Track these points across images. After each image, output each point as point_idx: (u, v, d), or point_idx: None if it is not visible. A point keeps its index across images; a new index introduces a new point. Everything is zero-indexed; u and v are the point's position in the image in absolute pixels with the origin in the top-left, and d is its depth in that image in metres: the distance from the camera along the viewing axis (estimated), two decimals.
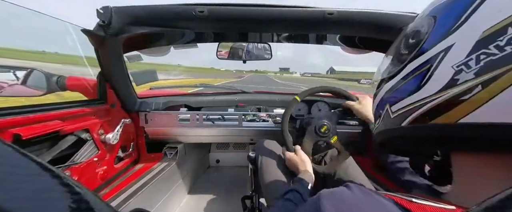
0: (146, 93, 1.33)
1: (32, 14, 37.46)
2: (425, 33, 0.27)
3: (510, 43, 0.19)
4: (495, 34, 0.20)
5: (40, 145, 0.71)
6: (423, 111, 0.25)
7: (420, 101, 0.25)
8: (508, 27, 0.19)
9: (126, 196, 0.87)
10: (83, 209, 0.13)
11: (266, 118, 1.23)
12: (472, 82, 0.21)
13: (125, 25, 0.77)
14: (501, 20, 0.20)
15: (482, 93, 0.20)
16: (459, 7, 0.24)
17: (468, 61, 0.21)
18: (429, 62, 0.25)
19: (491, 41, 0.20)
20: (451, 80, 0.22)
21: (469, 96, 0.21)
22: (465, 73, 0.21)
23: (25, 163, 0.13)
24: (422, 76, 0.25)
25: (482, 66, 0.20)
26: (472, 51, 0.21)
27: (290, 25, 0.84)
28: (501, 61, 0.19)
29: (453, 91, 0.22)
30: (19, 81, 0.87)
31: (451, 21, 0.24)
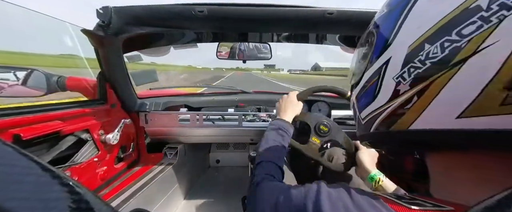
0: (146, 93, 1.33)
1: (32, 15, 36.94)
2: (372, 44, 0.29)
3: (428, 58, 0.21)
4: (417, 49, 0.22)
5: (40, 146, 0.71)
6: (381, 119, 0.27)
7: (377, 110, 0.28)
8: (424, 43, 0.22)
9: (126, 196, 0.87)
10: (83, 209, 0.13)
11: (266, 118, 1.23)
12: (409, 93, 0.23)
13: (125, 25, 0.77)
14: (420, 36, 0.22)
15: (419, 102, 0.22)
16: (391, 21, 0.26)
17: (403, 73, 0.24)
18: (377, 73, 0.27)
19: (415, 55, 0.22)
20: (394, 91, 0.25)
21: (410, 105, 0.23)
22: (403, 84, 0.24)
23: (25, 163, 0.13)
24: (375, 86, 0.28)
25: (413, 78, 0.23)
26: (404, 64, 0.23)
27: (290, 25, 0.84)
28: (425, 73, 0.22)
29: (397, 101, 0.24)
30: (20, 82, 0.87)
31: (387, 34, 0.26)
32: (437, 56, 0.21)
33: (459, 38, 0.19)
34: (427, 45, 0.21)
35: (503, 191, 0.14)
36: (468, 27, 0.19)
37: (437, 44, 0.21)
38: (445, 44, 0.20)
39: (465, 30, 0.19)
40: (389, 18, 0.27)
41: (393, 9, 0.27)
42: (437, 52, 0.21)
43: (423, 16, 0.23)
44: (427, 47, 0.21)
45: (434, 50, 0.21)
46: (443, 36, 0.20)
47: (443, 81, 0.20)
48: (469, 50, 0.19)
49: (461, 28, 0.19)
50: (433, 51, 0.21)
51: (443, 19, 0.21)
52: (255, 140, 1.26)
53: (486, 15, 0.18)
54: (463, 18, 0.19)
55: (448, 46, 0.20)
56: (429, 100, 0.21)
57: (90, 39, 0.80)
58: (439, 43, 0.21)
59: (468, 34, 0.19)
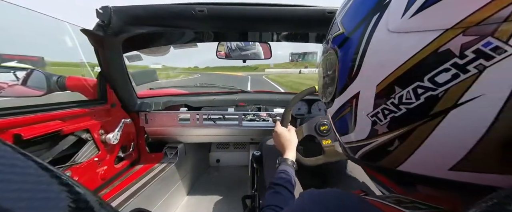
0: (146, 93, 1.33)
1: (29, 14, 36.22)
2: (334, 69, 0.27)
3: (402, 103, 0.19)
4: (386, 90, 0.20)
5: (40, 145, 0.71)
6: (365, 151, 0.25)
7: (359, 142, 0.25)
8: (394, 86, 0.19)
9: (127, 196, 0.87)
10: (82, 208, 0.13)
11: (266, 117, 1.23)
12: (388, 136, 0.21)
13: (124, 25, 0.77)
14: (386, 76, 0.19)
15: (402, 147, 0.20)
16: (350, 48, 0.23)
17: (376, 113, 0.21)
18: (348, 104, 0.25)
19: (386, 97, 0.20)
20: (372, 130, 0.22)
21: (394, 147, 0.21)
22: (380, 125, 0.21)
23: (25, 163, 0.13)
24: (350, 118, 0.25)
25: (389, 121, 0.20)
26: (376, 104, 0.21)
27: (290, 24, 0.84)
28: (403, 118, 0.19)
29: (377, 140, 0.22)
30: (19, 82, 0.87)
31: (349, 63, 0.23)
32: (412, 102, 0.18)
33: (433, 86, 0.17)
34: (397, 88, 0.19)
35: (502, 192, 0.14)
36: (442, 74, 0.16)
37: (408, 89, 0.18)
38: (418, 91, 0.18)
39: (439, 78, 0.16)
40: (348, 44, 0.24)
41: (351, 32, 0.24)
42: (411, 98, 0.18)
43: (385, 53, 0.20)
44: (397, 90, 0.19)
45: (407, 95, 0.18)
46: (414, 81, 0.18)
47: (426, 130, 0.18)
48: (448, 101, 0.16)
49: (433, 75, 0.17)
50: (406, 96, 0.18)
51: (409, 61, 0.18)
52: (256, 139, 1.26)
53: (460, 63, 0.15)
54: (433, 63, 0.17)
55: (422, 93, 0.17)
56: (414, 147, 0.19)
57: (90, 39, 0.80)
58: (411, 88, 0.18)
59: (444, 83, 0.16)
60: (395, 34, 0.19)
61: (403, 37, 0.18)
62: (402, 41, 0.18)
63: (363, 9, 0.22)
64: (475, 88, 0.15)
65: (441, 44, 0.16)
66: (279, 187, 0.55)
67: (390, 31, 0.19)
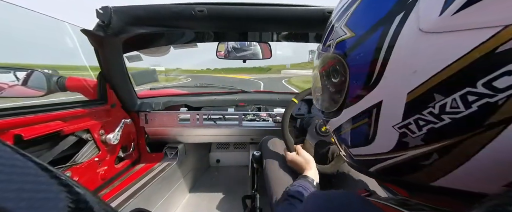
0: (146, 93, 1.33)
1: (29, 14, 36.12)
2: (343, 76, 0.24)
3: (446, 112, 0.16)
4: (422, 99, 0.17)
5: (41, 146, 0.71)
6: (387, 165, 0.22)
7: (377, 155, 0.23)
8: (432, 93, 0.17)
9: (127, 196, 0.87)
10: (82, 209, 0.13)
11: (266, 117, 1.23)
12: (424, 149, 0.18)
13: (124, 25, 0.77)
14: (421, 83, 0.17)
15: (443, 161, 0.18)
16: (366, 54, 0.20)
17: (408, 124, 0.19)
18: (365, 115, 0.22)
19: (423, 106, 0.17)
20: (400, 142, 0.20)
21: (430, 162, 0.18)
22: (412, 137, 0.19)
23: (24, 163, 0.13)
24: (367, 130, 0.22)
25: (426, 133, 0.18)
26: (406, 114, 0.18)
27: (290, 24, 0.84)
28: (446, 130, 0.17)
29: (408, 154, 0.20)
30: (20, 82, 0.87)
31: (364, 70, 0.21)
32: (460, 111, 0.16)
33: (491, 91, 0.14)
34: (438, 96, 0.16)
35: (504, 192, 0.14)
36: (503, 78, 0.14)
37: (454, 96, 0.16)
38: (468, 98, 0.15)
39: (499, 82, 0.14)
40: (361, 49, 0.21)
41: (364, 38, 0.21)
42: (458, 107, 0.16)
43: (419, 57, 0.17)
44: (438, 98, 0.16)
45: (453, 103, 0.16)
46: (462, 87, 0.15)
47: (479, 142, 0.15)
48: (510, 110, 0.14)
49: (490, 79, 0.14)
50: (452, 104, 0.16)
51: (454, 64, 0.15)
52: (256, 139, 1.26)
53: None
54: (489, 65, 0.14)
55: (474, 100, 0.15)
56: (459, 161, 0.17)
57: (90, 39, 0.80)
58: (458, 95, 0.15)
59: (505, 88, 0.14)
60: (432, 35, 0.16)
61: (444, 37, 0.16)
62: (444, 42, 0.16)
63: (380, 9, 0.20)
64: None
65: (500, 43, 0.13)
66: (294, 199, 0.54)
67: (423, 31, 0.17)
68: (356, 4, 0.23)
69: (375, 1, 0.21)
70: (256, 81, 18.89)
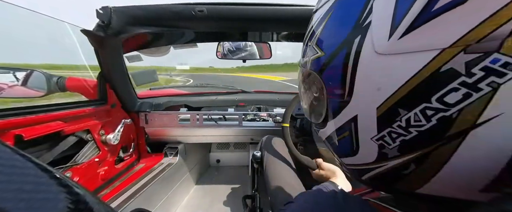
0: (146, 94, 1.33)
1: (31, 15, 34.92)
2: (322, 91, 0.25)
3: (411, 125, 0.17)
4: (390, 113, 0.18)
5: (41, 146, 0.71)
6: (374, 175, 0.23)
7: (364, 165, 0.23)
8: (398, 108, 0.18)
9: (127, 196, 0.87)
10: (81, 209, 0.13)
11: (266, 117, 1.23)
12: (401, 159, 0.19)
13: (125, 26, 0.77)
14: (386, 98, 0.18)
15: (420, 170, 0.19)
16: (336, 74, 0.22)
17: (383, 137, 0.20)
18: (346, 128, 0.23)
19: (391, 120, 0.18)
20: (380, 153, 0.21)
21: (409, 171, 0.19)
22: (389, 149, 0.20)
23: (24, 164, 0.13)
24: (350, 141, 0.23)
25: (400, 144, 0.19)
26: (380, 127, 0.19)
27: (290, 24, 0.84)
28: (415, 141, 0.18)
29: (389, 164, 0.21)
30: (19, 82, 0.87)
31: (337, 89, 0.22)
32: (422, 124, 0.17)
33: (444, 106, 0.16)
34: (402, 111, 0.18)
35: (504, 192, 0.14)
36: (451, 94, 0.15)
37: (415, 110, 0.17)
38: (427, 112, 0.16)
39: (448, 98, 0.15)
40: (332, 66, 0.22)
41: (332, 58, 0.22)
42: (420, 120, 0.17)
43: (379, 76, 0.18)
44: (403, 112, 0.18)
45: (415, 117, 0.17)
46: (420, 102, 0.17)
47: (446, 152, 0.17)
48: (465, 122, 0.15)
49: (441, 95, 0.16)
50: (415, 118, 0.17)
51: (409, 82, 0.17)
52: (256, 139, 1.26)
53: (470, 81, 0.14)
54: (437, 83, 0.16)
55: (432, 114, 0.16)
56: (434, 170, 0.18)
57: (90, 40, 0.80)
58: (419, 110, 0.17)
59: (455, 103, 0.15)
60: (385, 56, 0.18)
61: (395, 58, 0.17)
62: (396, 63, 0.17)
63: (341, 32, 0.21)
64: (494, 106, 0.14)
65: (442, 64, 0.15)
66: None
67: (378, 53, 0.18)
68: (322, 25, 0.25)
69: (335, 24, 0.23)
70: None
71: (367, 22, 0.19)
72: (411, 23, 0.16)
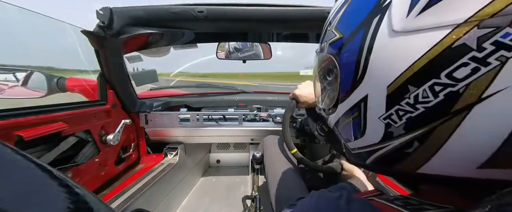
0: (146, 94, 1.33)
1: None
2: (335, 74, 0.26)
3: (419, 102, 0.18)
4: (399, 90, 0.19)
5: (41, 146, 0.71)
6: (379, 156, 0.24)
7: (369, 146, 0.24)
8: (407, 85, 0.19)
9: (127, 197, 0.87)
10: (81, 209, 0.13)
11: (267, 118, 1.23)
12: (406, 137, 0.20)
13: (125, 26, 0.77)
14: (397, 76, 0.19)
15: (422, 148, 0.20)
16: (352, 53, 0.23)
17: (390, 115, 0.20)
18: (355, 109, 0.24)
19: (400, 98, 0.19)
20: (386, 133, 0.22)
21: (413, 149, 0.20)
22: (395, 127, 0.21)
23: (25, 164, 0.13)
24: (359, 122, 0.24)
25: (406, 122, 0.20)
26: (388, 106, 0.20)
27: (290, 24, 0.84)
28: (420, 118, 0.19)
29: (393, 143, 0.21)
30: (20, 83, 0.87)
31: (350, 67, 0.23)
32: (430, 101, 0.18)
33: (452, 81, 0.16)
34: (412, 87, 0.18)
35: (505, 191, 0.14)
36: (460, 69, 0.16)
37: (425, 87, 0.18)
38: (435, 88, 0.17)
39: (458, 73, 0.16)
40: (348, 49, 0.24)
41: (351, 36, 0.23)
42: (428, 97, 0.18)
43: (393, 54, 0.19)
44: (412, 89, 0.18)
45: (423, 93, 0.18)
46: (429, 78, 0.17)
47: (448, 128, 0.17)
48: (471, 96, 0.16)
49: (450, 71, 0.16)
50: (423, 94, 0.18)
51: (421, 59, 0.17)
52: (256, 140, 1.26)
53: (480, 56, 0.15)
54: (448, 58, 0.16)
55: (440, 90, 0.17)
56: (435, 147, 0.19)
57: (90, 40, 0.80)
58: (427, 86, 0.18)
59: (464, 78, 0.16)
60: (402, 34, 0.19)
61: (411, 36, 0.18)
62: (411, 40, 0.18)
63: (361, 13, 0.22)
64: (500, 80, 0.15)
65: (455, 40, 0.16)
66: None
67: (395, 31, 0.19)
68: (344, 9, 0.26)
69: (357, 7, 0.24)
70: None
71: (387, 2, 0.20)
72: (429, 1, 0.17)
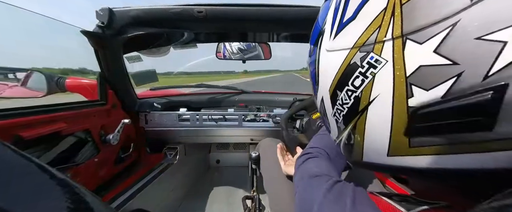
0: (146, 94, 1.33)
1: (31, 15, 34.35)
2: (312, 81, 0.32)
3: (343, 103, 0.24)
4: (334, 94, 0.25)
5: (41, 146, 0.71)
6: (342, 148, 0.30)
7: (335, 140, 0.30)
8: (336, 90, 0.24)
9: (127, 197, 0.87)
10: (82, 209, 0.13)
11: (266, 118, 1.23)
12: (346, 131, 0.26)
13: (124, 26, 0.77)
14: (331, 83, 0.25)
15: (356, 139, 0.25)
16: (313, 65, 0.29)
17: (334, 113, 0.26)
18: (321, 108, 0.30)
19: (335, 100, 0.25)
20: (337, 128, 0.27)
21: (353, 141, 0.25)
22: (340, 122, 0.26)
23: (25, 164, 0.13)
24: (326, 121, 0.30)
25: (343, 118, 0.25)
26: (332, 105, 0.26)
27: (290, 25, 0.84)
28: (347, 116, 0.24)
29: (342, 136, 0.27)
30: (19, 83, 0.87)
31: (313, 76, 0.29)
32: (348, 102, 0.23)
33: (354, 88, 0.22)
34: (338, 92, 0.24)
35: (505, 192, 0.14)
36: (356, 80, 0.22)
37: (344, 92, 0.23)
38: (348, 93, 0.23)
39: (356, 82, 0.22)
40: (312, 62, 0.30)
41: (311, 51, 0.30)
42: (346, 100, 0.23)
43: (328, 65, 0.25)
44: (339, 93, 0.24)
45: (344, 97, 0.24)
46: (344, 85, 0.23)
47: (362, 123, 0.23)
48: (365, 100, 0.21)
49: (352, 80, 0.22)
50: (344, 98, 0.24)
51: (339, 71, 0.23)
52: (255, 140, 1.26)
53: (363, 71, 0.21)
54: (350, 71, 0.22)
55: (351, 94, 0.23)
56: (362, 138, 0.24)
57: (89, 40, 0.80)
58: (345, 91, 0.23)
59: (359, 86, 0.21)
60: (329, 52, 0.25)
61: (332, 54, 0.24)
62: (332, 57, 0.24)
63: (314, 35, 0.30)
64: (375, 89, 0.20)
65: (351, 58, 0.22)
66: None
67: (326, 50, 0.26)
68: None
69: (314, 30, 0.31)
70: None
71: (324, 28, 0.27)
72: (337, 29, 0.24)
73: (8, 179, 0.12)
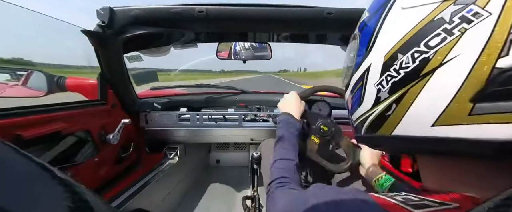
0: (146, 94, 1.33)
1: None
2: (356, 49, 0.30)
3: (402, 67, 0.23)
4: (391, 58, 0.23)
5: (41, 146, 0.71)
6: (368, 124, 0.28)
7: (364, 114, 0.29)
8: (397, 53, 0.23)
9: (127, 197, 0.87)
10: (82, 208, 0.13)
11: (266, 118, 1.23)
12: (388, 100, 0.24)
13: (125, 26, 0.77)
14: (393, 46, 0.23)
15: (398, 109, 0.23)
16: (370, 28, 0.27)
17: (382, 81, 0.25)
18: (361, 78, 0.28)
19: (391, 64, 0.24)
20: (376, 98, 0.26)
21: (391, 112, 0.24)
22: (383, 91, 0.25)
23: (25, 163, 0.13)
24: (360, 91, 0.29)
25: (390, 86, 0.24)
26: (382, 72, 0.25)
27: (290, 25, 0.84)
28: (400, 82, 0.23)
29: (379, 107, 0.26)
30: (19, 82, 0.87)
31: (367, 41, 0.27)
32: (409, 66, 0.22)
33: (427, 49, 0.20)
34: (400, 55, 0.23)
35: (505, 191, 0.14)
36: (434, 39, 0.20)
37: (408, 54, 0.22)
38: (415, 55, 0.21)
39: (432, 42, 0.20)
40: (369, 24, 0.28)
41: (372, 16, 0.28)
42: (409, 63, 0.22)
43: (395, 25, 0.24)
44: (400, 56, 0.23)
45: (406, 60, 0.22)
46: (413, 46, 0.21)
47: (417, 90, 0.21)
48: (436, 62, 0.20)
49: (428, 40, 0.20)
50: (406, 61, 0.22)
51: (412, 30, 0.22)
52: (256, 140, 1.26)
53: (449, 28, 0.19)
54: (429, 29, 0.20)
55: (418, 56, 0.21)
56: (406, 108, 0.22)
57: (90, 40, 0.80)
58: (410, 53, 0.22)
59: (434, 46, 0.20)
60: (405, 10, 0.23)
61: (409, 11, 0.22)
62: (408, 14, 0.22)
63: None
64: (456, 48, 0.19)
65: (437, 14, 0.20)
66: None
67: (402, 8, 0.23)
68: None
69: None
70: None
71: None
72: None
73: (9, 179, 0.12)
